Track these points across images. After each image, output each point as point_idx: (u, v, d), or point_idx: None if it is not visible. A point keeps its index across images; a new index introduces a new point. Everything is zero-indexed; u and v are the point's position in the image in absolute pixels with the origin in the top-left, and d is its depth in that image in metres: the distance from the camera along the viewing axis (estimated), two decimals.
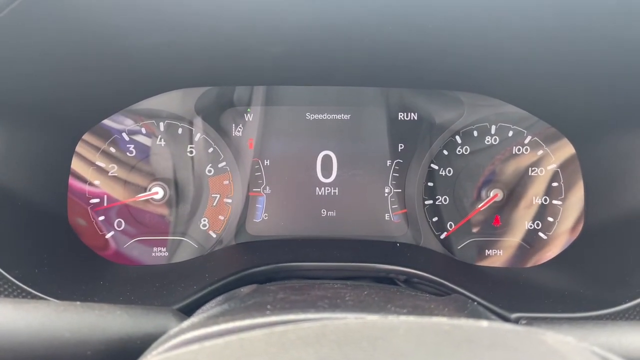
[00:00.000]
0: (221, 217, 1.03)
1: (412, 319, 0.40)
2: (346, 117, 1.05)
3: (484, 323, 0.39)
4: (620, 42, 0.70)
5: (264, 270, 0.85)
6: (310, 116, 1.05)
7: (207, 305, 0.65)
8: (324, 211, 1.05)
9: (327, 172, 1.05)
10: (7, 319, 0.48)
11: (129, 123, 1.00)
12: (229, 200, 1.03)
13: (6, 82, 0.73)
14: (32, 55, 0.71)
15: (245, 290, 0.66)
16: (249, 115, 1.04)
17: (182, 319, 0.57)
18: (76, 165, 0.96)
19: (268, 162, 1.05)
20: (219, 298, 0.67)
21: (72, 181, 0.95)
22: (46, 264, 0.81)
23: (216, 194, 1.03)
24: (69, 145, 0.94)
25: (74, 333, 0.50)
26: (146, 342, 0.53)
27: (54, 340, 0.49)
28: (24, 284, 0.72)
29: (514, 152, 1.03)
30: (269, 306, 0.52)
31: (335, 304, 0.54)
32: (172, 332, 0.51)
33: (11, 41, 0.65)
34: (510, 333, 0.38)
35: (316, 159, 1.05)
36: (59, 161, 0.93)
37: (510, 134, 1.03)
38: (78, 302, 0.53)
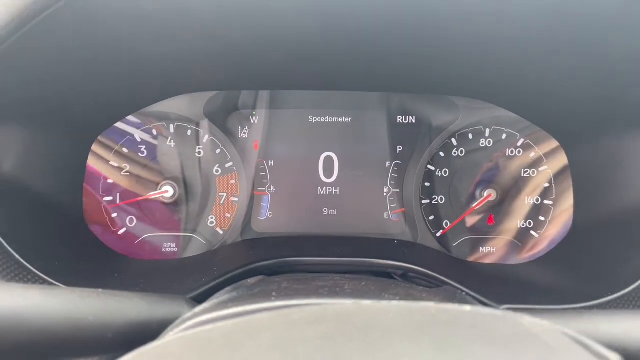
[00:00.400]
0: (228, 215, 1.08)
1: (402, 303, 0.45)
2: (347, 120, 1.10)
3: (467, 307, 0.44)
4: (607, 51, 0.75)
5: (268, 264, 0.90)
6: (313, 119, 1.10)
7: (217, 294, 0.70)
8: (325, 210, 1.10)
9: (329, 172, 1.10)
10: (37, 304, 0.53)
11: (140, 125, 1.05)
12: (235, 199, 1.08)
13: (29, 88, 0.78)
14: (53, 65, 0.76)
15: (251, 280, 0.72)
16: (254, 118, 1.09)
17: (194, 306, 0.62)
18: (91, 164, 1.01)
19: (272, 163, 1.10)
20: (228, 288, 0.72)
21: (87, 180, 1.01)
22: (64, 257, 0.87)
23: (223, 192, 1.08)
24: (85, 146, 0.99)
25: (97, 317, 0.55)
26: (162, 326, 0.58)
27: (79, 323, 0.54)
28: (45, 275, 0.77)
29: (507, 154, 1.07)
30: (274, 293, 0.57)
31: (334, 292, 0.59)
32: (185, 316, 0.57)
33: (34, 52, 0.70)
34: (490, 316, 0.43)
35: (318, 160, 1.10)
36: (76, 161, 0.98)
37: (504, 136, 1.07)
38: (100, 290, 0.58)
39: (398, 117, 1.10)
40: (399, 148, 1.10)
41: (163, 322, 0.58)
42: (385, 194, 1.10)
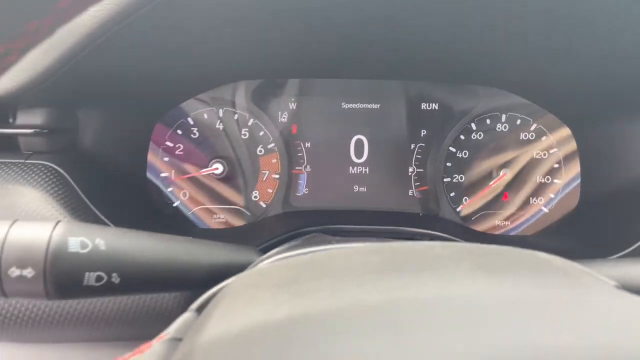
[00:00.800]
0: (270, 190, 1.21)
1: (444, 242, 0.58)
2: (376, 106, 1.22)
3: (494, 245, 0.56)
4: (615, 39, 0.85)
5: (308, 230, 1.03)
6: (345, 105, 1.22)
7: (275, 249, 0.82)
8: (356, 187, 1.23)
9: (359, 153, 1.22)
10: (136, 245, 0.66)
11: (194, 109, 1.18)
12: (277, 176, 1.21)
13: (108, 76, 0.91)
14: (128, 55, 0.89)
15: (306, 237, 0.84)
16: (293, 104, 1.22)
17: (261, 255, 0.75)
18: (152, 143, 1.14)
19: (309, 145, 1.22)
20: (284, 245, 0.85)
21: (149, 157, 1.14)
22: (129, 218, 1.00)
23: (265, 170, 1.21)
24: (149, 126, 1.13)
25: (187, 260, 0.68)
26: (238, 269, 0.70)
27: (173, 263, 0.67)
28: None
29: (521, 138, 1.19)
30: (332, 241, 0.70)
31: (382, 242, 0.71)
32: (258, 259, 0.69)
33: (117, 46, 0.82)
34: (515, 251, 0.55)
35: (350, 142, 1.22)
36: (140, 139, 1.12)
37: (518, 122, 1.19)
38: (190, 237, 0.70)
39: (422, 104, 1.22)
40: (423, 132, 1.22)
41: (239, 265, 0.71)
42: (410, 174, 1.23)
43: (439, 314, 0.38)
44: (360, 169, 1.23)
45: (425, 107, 1.22)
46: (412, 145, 1.22)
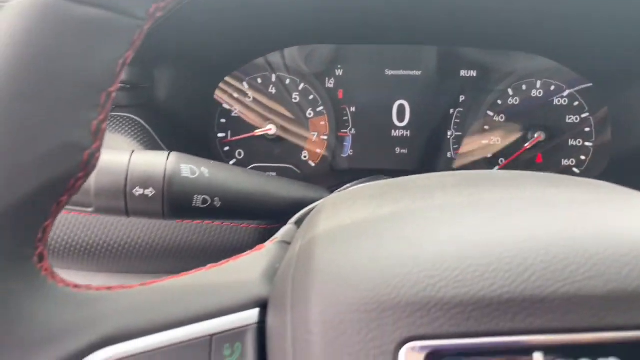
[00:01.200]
0: (318, 151, 1.30)
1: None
2: (418, 73, 1.30)
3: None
4: None
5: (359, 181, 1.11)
6: (388, 72, 1.30)
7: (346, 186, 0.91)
8: (397, 149, 1.31)
9: (401, 117, 1.31)
10: (232, 176, 0.75)
11: (250, 73, 1.27)
12: (325, 137, 1.30)
13: (180, 37, 1.00)
14: (198, 17, 0.98)
15: (369, 178, 0.93)
16: (340, 70, 1.30)
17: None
18: (212, 105, 1.24)
19: (354, 109, 1.31)
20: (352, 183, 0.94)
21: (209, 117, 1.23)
22: None
23: (314, 132, 1.29)
24: (210, 89, 1.22)
25: (272, 192, 0.77)
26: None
27: (261, 194, 0.76)
28: None
29: (555, 103, 1.27)
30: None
31: None
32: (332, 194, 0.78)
33: (190, 7, 0.91)
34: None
35: (392, 107, 1.30)
36: (204, 100, 1.21)
37: (552, 88, 1.27)
38: (274, 174, 0.80)
39: (461, 71, 1.30)
40: (462, 98, 1.30)
41: (314, 200, 0.80)
42: (448, 137, 1.31)
43: (519, 201, 0.47)
44: (401, 132, 1.31)
45: (465, 74, 1.30)
46: (452, 110, 1.30)
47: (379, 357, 0.36)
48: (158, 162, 0.66)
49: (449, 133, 1.31)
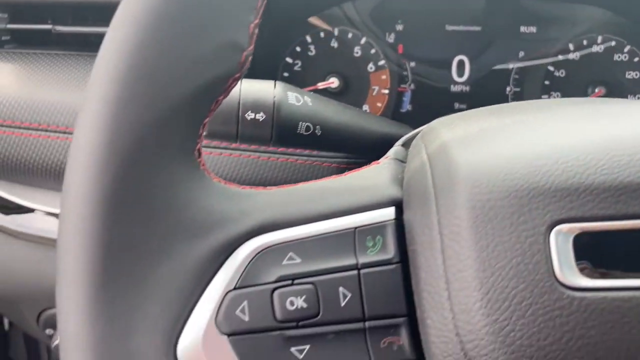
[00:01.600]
0: (379, 104, 1.32)
1: None
2: (478, 28, 1.31)
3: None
4: None
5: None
6: (449, 27, 1.31)
7: None
8: (456, 104, 1.33)
9: (460, 73, 1.32)
10: (331, 106, 0.78)
11: (312, 27, 1.29)
12: (385, 91, 1.32)
13: None
14: None
15: None
16: (399, 25, 1.32)
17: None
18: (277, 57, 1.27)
19: (413, 64, 1.32)
20: None
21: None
22: None
23: (375, 86, 1.32)
24: (277, 42, 1.25)
25: (364, 126, 0.80)
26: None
27: (356, 127, 0.79)
28: None
29: (614, 59, 1.28)
30: None
31: None
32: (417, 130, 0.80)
33: None
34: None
35: (452, 62, 1.32)
36: (271, 53, 1.24)
37: (613, 43, 1.27)
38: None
39: (521, 26, 1.31)
40: (521, 53, 1.31)
41: (400, 136, 0.82)
42: (507, 93, 1.32)
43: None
44: (461, 87, 1.32)
45: (524, 30, 1.31)
46: (511, 66, 1.31)
47: (530, 238, 0.39)
48: (267, 88, 0.70)
49: (508, 89, 1.32)
